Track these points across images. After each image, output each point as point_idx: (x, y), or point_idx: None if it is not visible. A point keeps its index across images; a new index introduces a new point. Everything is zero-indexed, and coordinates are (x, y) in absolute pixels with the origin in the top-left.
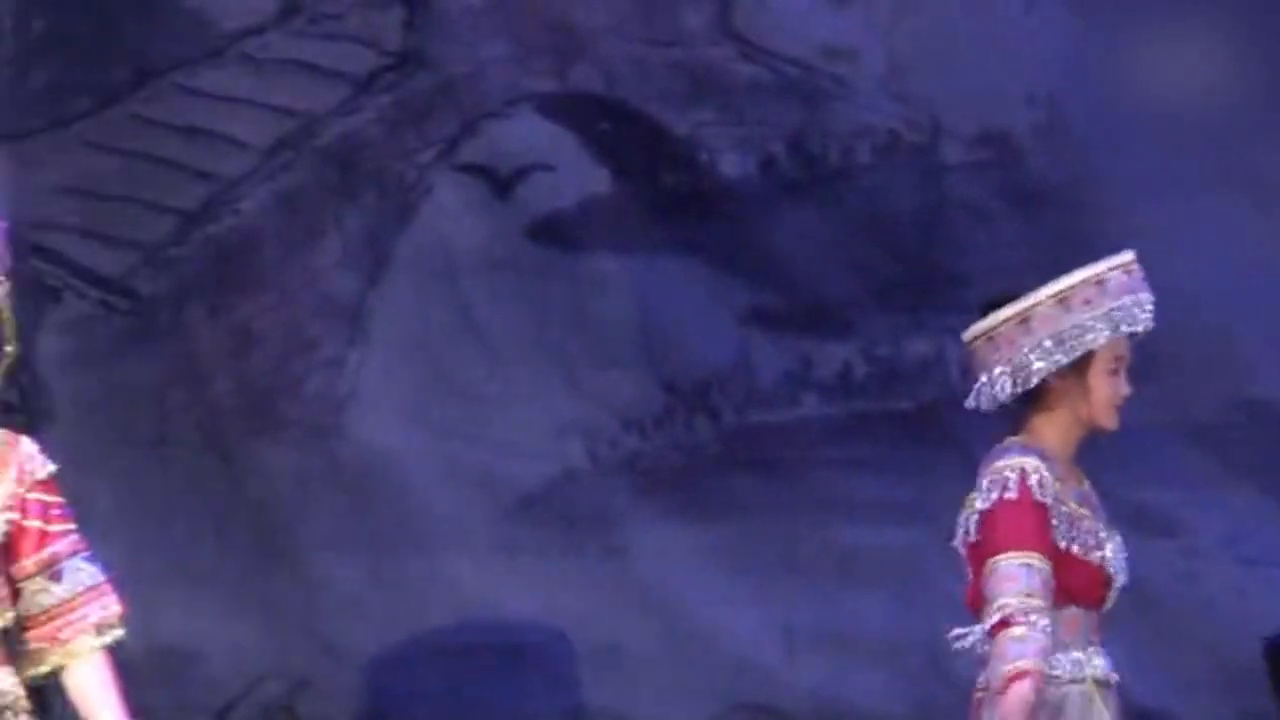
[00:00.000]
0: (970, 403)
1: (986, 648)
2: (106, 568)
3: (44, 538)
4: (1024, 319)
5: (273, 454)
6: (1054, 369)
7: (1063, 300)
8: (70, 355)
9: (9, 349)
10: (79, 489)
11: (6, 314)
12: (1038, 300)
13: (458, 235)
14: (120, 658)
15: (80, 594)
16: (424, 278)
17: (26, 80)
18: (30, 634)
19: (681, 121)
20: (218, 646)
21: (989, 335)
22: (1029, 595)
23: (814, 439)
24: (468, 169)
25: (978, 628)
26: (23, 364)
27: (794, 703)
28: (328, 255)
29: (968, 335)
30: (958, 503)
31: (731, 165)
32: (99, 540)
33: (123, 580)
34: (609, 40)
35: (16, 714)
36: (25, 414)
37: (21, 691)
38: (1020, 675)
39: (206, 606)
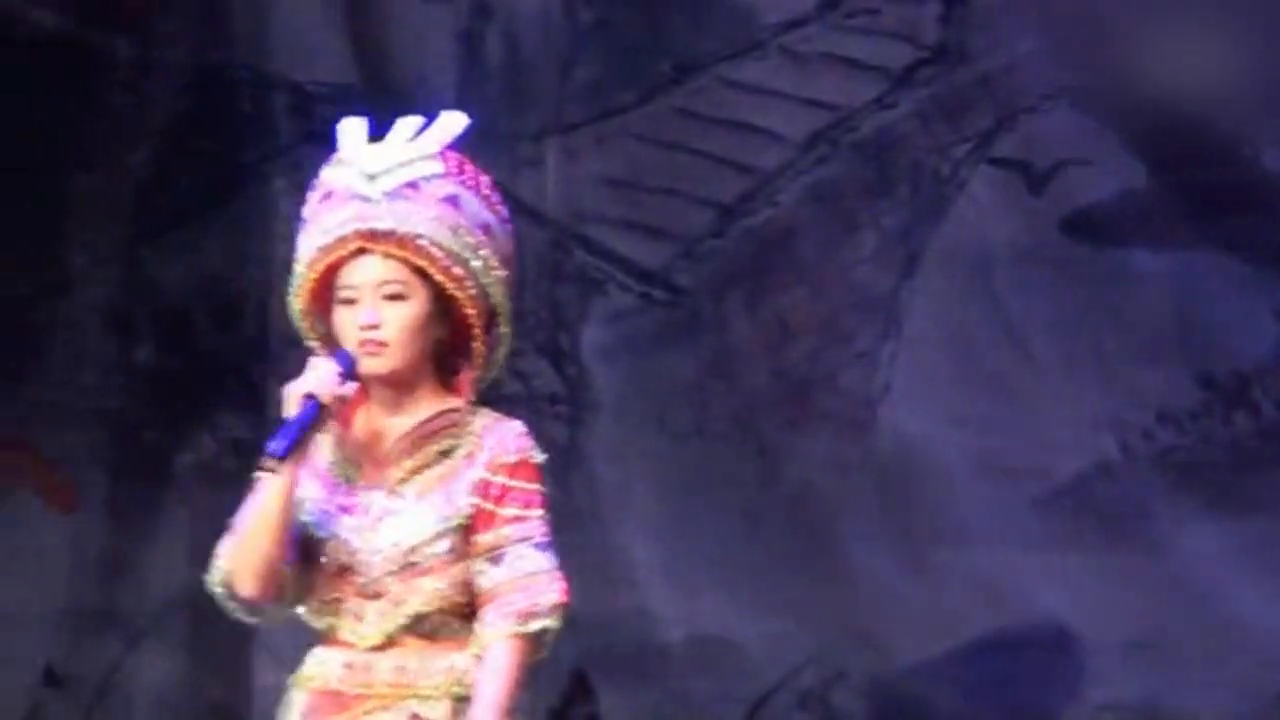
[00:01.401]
0: None
1: None
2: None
3: (492, 520)
4: None
5: (808, 446)
6: None
7: None
8: (613, 346)
9: (503, 331)
10: (619, 478)
11: (499, 299)
12: None
13: (991, 229)
14: (660, 645)
15: (515, 580)
16: (956, 271)
17: (573, 74)
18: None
19: (1223, 116)
20: (754, 636)
21: None
22: None
23: None
24: (1002, 163)
25: None
26: (569, 355)
27: None
28: (862, 249)
29: None
30: None
31: (1274, 159)
32: (636, 528)
33: (659, 569)
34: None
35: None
36: (571, 404)
37: None
38: None
39: (742, 596)
